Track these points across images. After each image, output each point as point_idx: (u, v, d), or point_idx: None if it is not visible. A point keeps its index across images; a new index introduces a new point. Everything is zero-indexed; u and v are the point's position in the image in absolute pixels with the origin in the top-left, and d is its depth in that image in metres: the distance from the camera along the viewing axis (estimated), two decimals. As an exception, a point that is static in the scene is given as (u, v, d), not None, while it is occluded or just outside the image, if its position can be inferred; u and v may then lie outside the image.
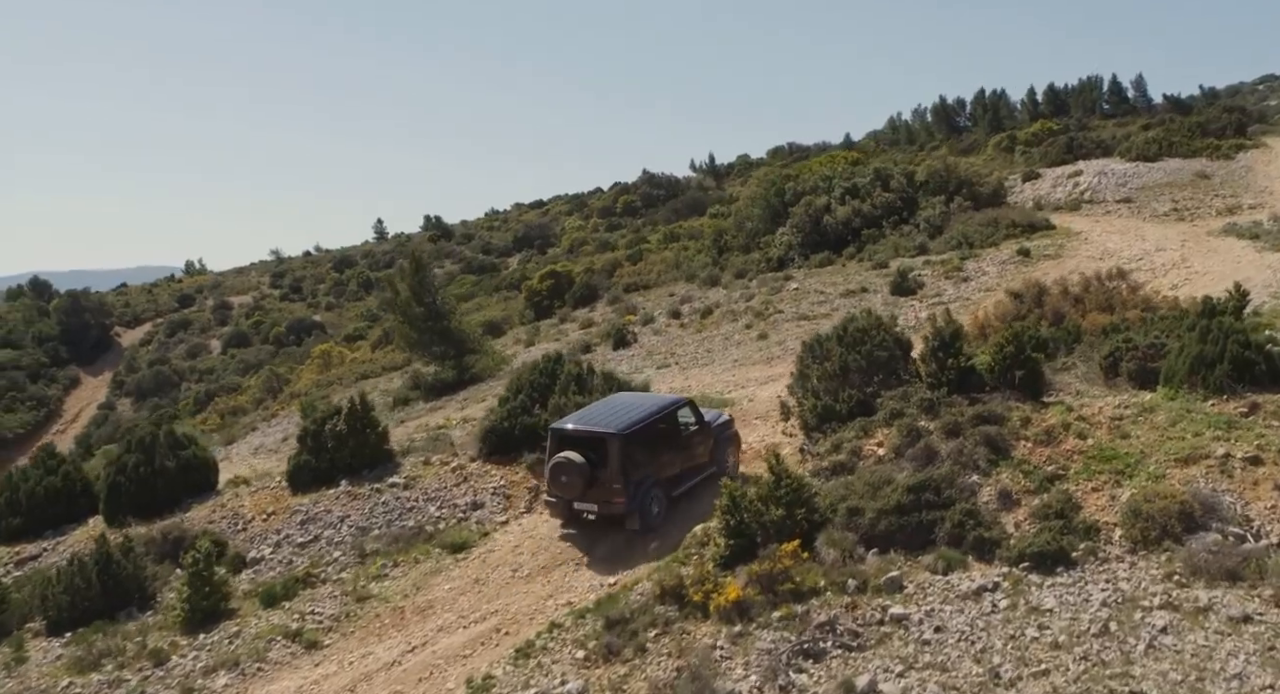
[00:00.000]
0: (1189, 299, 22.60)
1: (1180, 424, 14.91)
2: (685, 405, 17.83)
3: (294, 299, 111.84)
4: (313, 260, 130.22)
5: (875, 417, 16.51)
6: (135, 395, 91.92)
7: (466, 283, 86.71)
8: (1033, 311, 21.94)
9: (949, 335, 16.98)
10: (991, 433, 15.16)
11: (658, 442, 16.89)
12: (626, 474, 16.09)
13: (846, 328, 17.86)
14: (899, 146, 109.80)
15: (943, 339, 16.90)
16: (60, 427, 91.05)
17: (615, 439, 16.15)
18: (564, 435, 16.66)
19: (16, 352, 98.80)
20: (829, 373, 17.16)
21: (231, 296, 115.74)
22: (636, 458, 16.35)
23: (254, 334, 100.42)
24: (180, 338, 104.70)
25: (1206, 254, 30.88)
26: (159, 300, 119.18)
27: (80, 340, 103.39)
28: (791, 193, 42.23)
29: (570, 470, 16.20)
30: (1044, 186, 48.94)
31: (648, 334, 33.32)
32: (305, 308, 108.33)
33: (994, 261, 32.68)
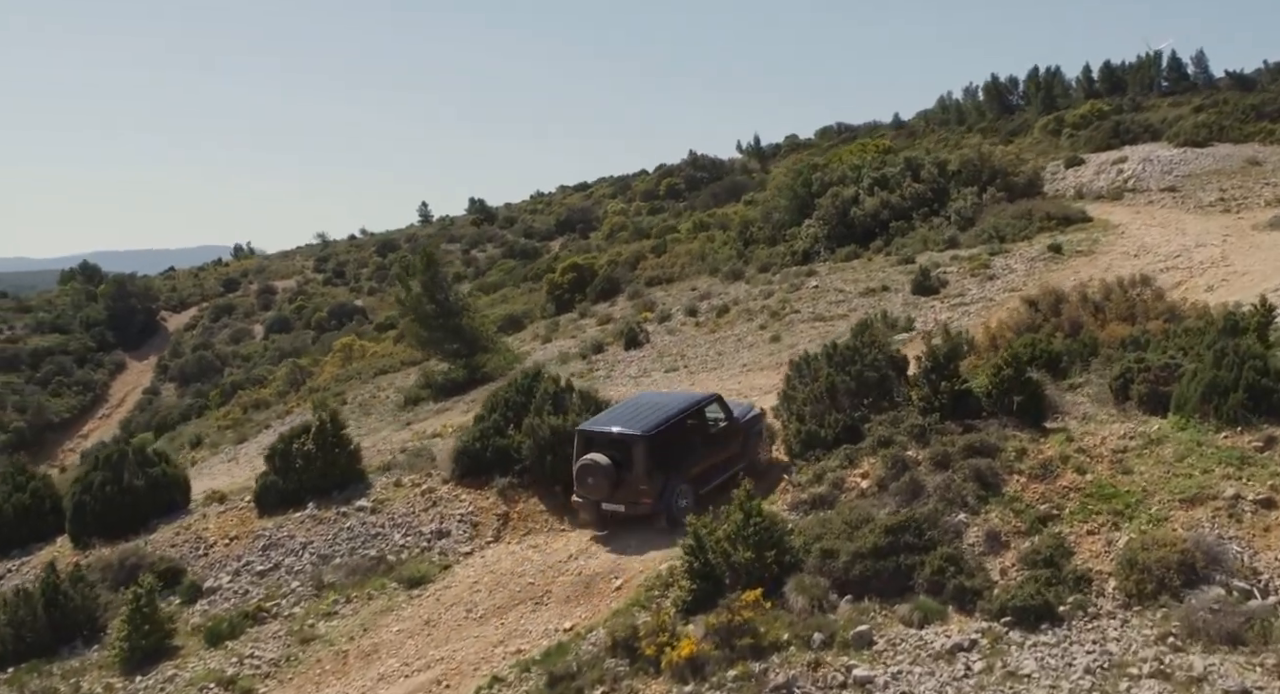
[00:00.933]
0: (1220, 306, 21.21)
1: (1188, 459, 13.69)
2: (713, 401, 17.74)
3: (337, 283, 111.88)
4: (357, 244, 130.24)
5: (862, 444, 15.42)
6: (179, 381, 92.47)
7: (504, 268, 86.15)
8: (1048, 321, 20.63)
9: (943, 355, 15.81)
10: (982, 466, 14.04)
11: (685, 439, 16.81)
12: (653, 474, 16.05)
13: (836, 346, 16.71)
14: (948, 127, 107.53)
15: (936, 360, 15.72)
16: (106, 411, 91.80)
17: (640, 440, 16.07)
18: (590, 437, 16.56)
19: (64, 336, 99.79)
20: (814, 395, 16.05)
21: (276, 280, 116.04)
22: (663, 457, 16.26)
23: (296, 319, 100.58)
24: (224, 322, 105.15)
25: (1249, 251, 29.26)
26: (205, 284, 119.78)
27: (127, 325, 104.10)
28: (819, 183, 40.87)
29: (596, 472, 16.14)
30: (1087, 173, 47.17)
31: (661, 333, 32.28)
32: (348, 292, 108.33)
33: (1023, 258, 31.23)
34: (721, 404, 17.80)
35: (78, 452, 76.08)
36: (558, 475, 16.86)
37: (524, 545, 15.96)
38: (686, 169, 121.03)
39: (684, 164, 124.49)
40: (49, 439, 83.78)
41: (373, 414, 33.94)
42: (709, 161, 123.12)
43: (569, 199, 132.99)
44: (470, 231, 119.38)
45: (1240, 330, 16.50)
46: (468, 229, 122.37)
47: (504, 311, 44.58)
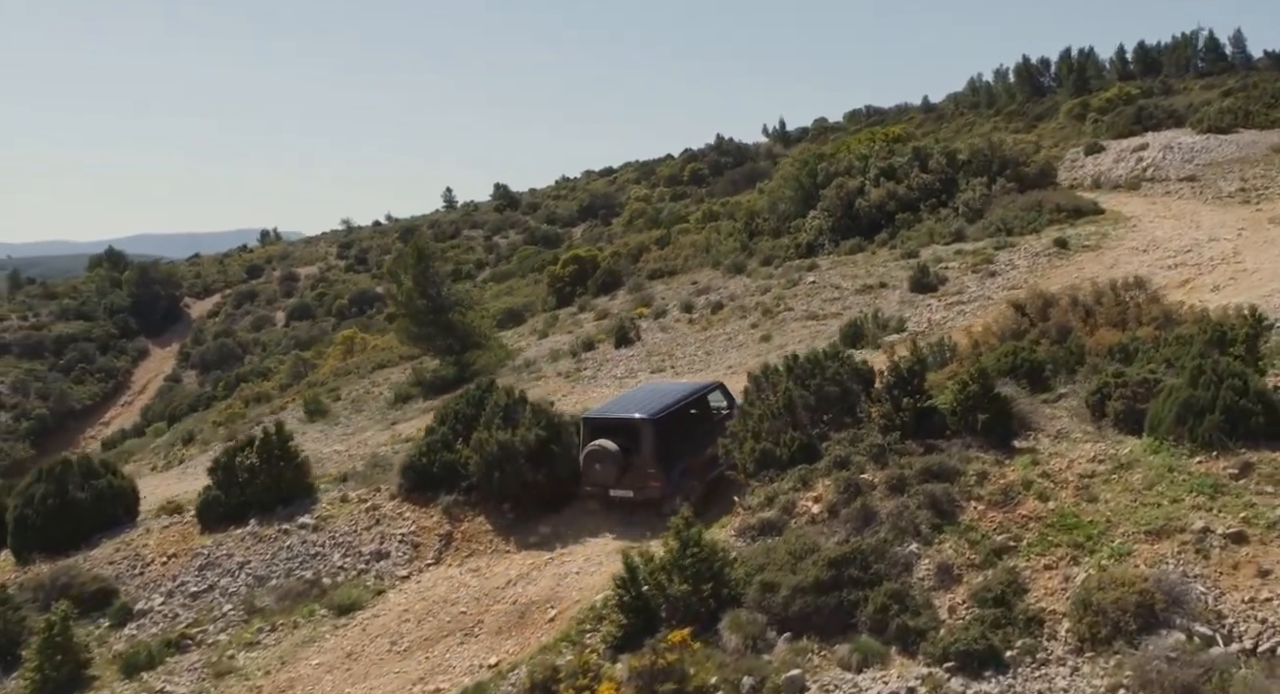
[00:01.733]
0: (1220, 309, 20.17)
1: (1158, 487, 12.76)
2: (717, 389, 18.13)
3: (359, 270, 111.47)
4: (381, 230, 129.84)
5: (818, 464, 14.54)
6: (200, 368, 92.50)
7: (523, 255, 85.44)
8: (1034, 327, 19.62)
9: (906, 370, 14.90)
10: (938, 492, 13.17)
11: (690, 426, 16.99)
12: (661, 458, 16.07)
13: (796, 358, 15.83)
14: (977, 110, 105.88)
15: (899, 374, 14.82)
16: (128, 398, 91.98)
17: (648, 424, 16.19)
18: (596, 424, 16.73)
19: (89, 323, 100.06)
20: (771, 411, 15.18)
21: (299, 267, 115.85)
22: (670, 442, 16.34)
23: (317, 306, 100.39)
24: (247, 309, 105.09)
25: (1262, 246, 28.06)
26: (229, 271, 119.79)
27: (150, 311, 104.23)
28: (824, 174, 39.80)
29: (604, 458, 16.22)
30: (1106, 161, 45.78)
31: (654, 330, 31.44)
32: (369, 279, 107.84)
33: (1028, 253, 30.13)
34: (724, 392, 18.10)
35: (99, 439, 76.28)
36: (506, 493, 16.11)
37: (464, 569, 15.21)
38: (710, 154, 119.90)
39: (708, 149, 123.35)
40: (71, 427, 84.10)
41: (364, 411, 33.35)
42: (733, 146, 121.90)
43: (593, 184, 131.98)
44: (493, 217, 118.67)
45: (1227, 342, 15.53)
46: (491, 215, 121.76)
47: (508, 304, 43.88)
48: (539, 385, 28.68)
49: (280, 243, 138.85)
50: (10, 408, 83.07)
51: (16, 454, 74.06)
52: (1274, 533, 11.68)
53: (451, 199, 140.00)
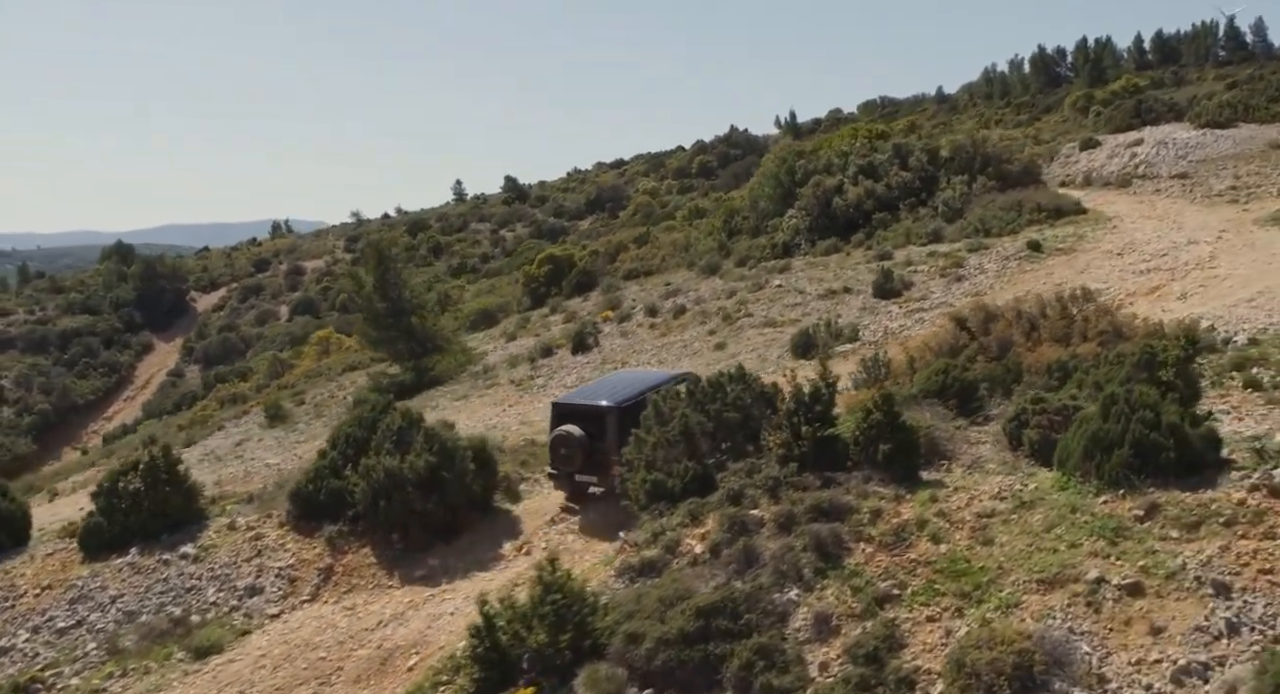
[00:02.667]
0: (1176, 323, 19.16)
1: (1057, 529, 11.79)
2: (686, 379, 17.80)
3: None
4: (389, 223, 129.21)
5: (711, 497, 13.60)
6: (203, 362, 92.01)
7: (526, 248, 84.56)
8: (973, 342, 18.62)
9: (809, 395, 13.95)
10: (823, 533, 12.23)
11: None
12: (624, 446, 15.74)
13: (699, 382, 14.90)
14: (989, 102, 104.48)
15: (800, 400, 13.87)
16: (131, 393, 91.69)
17: (612, 411, 16.51)
18: (564, 410, 17.13)
19: (94, 317, 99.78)
20: (667, 438, 14.26)
21: (306, 260, 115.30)
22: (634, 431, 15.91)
23: (321, 301, 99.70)
24: (252, 303, 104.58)
25: (1241, 249, 26.93)
26: (236, 265, 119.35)
27: (155, 305, 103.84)
28: (802, 171, 38.73)
29: (569, 443, 16.52)
30: (1100, 157, 44.52)
31: (614, 336, 30.56)
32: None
33: (999, 257, 29.05)
34: (694, 383, 17.56)
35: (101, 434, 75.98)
36: (394, 522, 15.24)
37: (339, 607, 14.36)
38: (720, 146, 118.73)
39: (717, 141, 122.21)
40: (73, 421, 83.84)
41: (324, 417, 32.61)
42: (743, 138, 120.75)
43: (602, 177, 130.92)
44: (501, 210, 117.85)
45: (1156, 365, 14.51)
46: (499, 207, 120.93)
47: (484, 304, 43.03)
48: (490, 393, 27.90)
49: (290, 236, 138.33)
50: (13, 403, 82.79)
51: (18, 449, 73.79)
52: (1172, 584, 10.72)
53: (461, 191, 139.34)
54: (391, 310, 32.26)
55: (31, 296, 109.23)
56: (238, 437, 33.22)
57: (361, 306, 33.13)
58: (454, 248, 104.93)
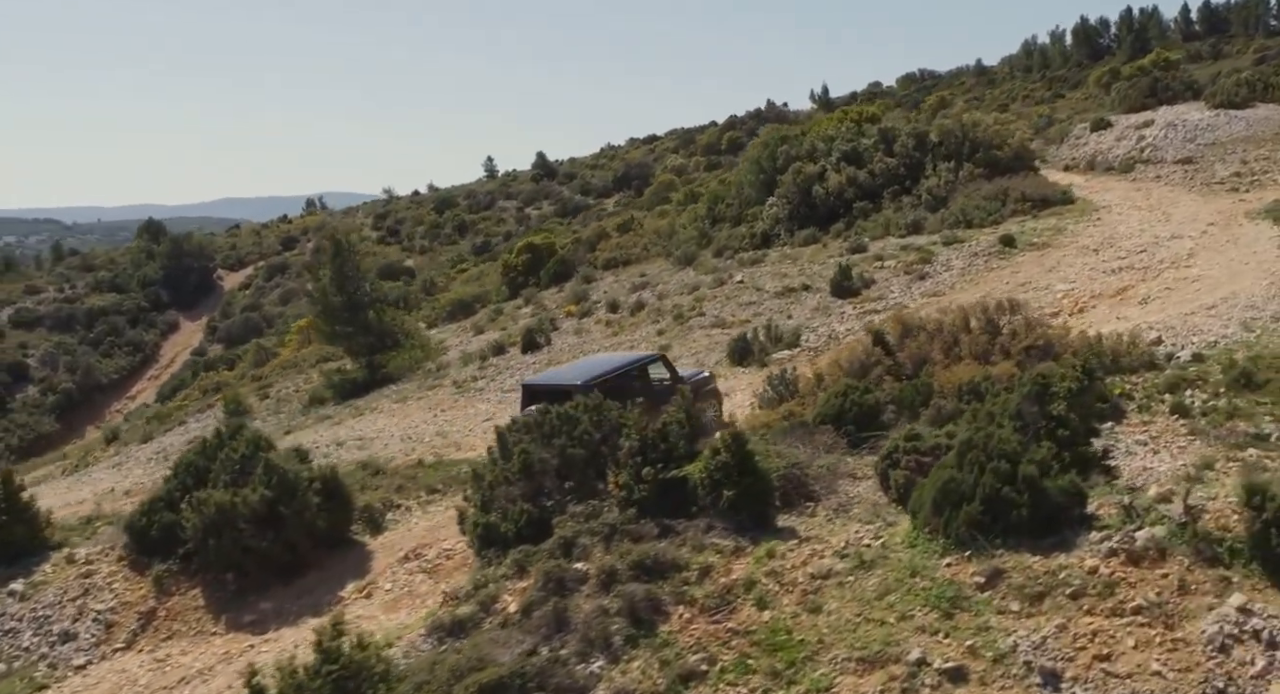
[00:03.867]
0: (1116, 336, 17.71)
1: (891, 596, 10.55)
2: (657, 361, 19.00)
3: (390, 242, 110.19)
4: (417, 201, 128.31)
5: (544, 545, 12.43)
6: (225, 342, 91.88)
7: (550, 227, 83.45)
8: (889, 358, 17.23)
9: (657, 430, 12.73)
10: (639, 595, 11.05)
11: (627, 395, 16.72)
12: None
13: (548, 410, 13.71)
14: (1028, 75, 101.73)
15: (644, 437, 12.65)
16: (155, 372, 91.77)
17: (578, 391, 16.09)
18: (534, 390, 17.58)
19: (121, 295, 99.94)
20: (504, 475, 13.10)
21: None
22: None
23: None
24: (277, 282, 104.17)
25: (1223, 246, 25.22)
26: (264, 243, 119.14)
27: (181, 284, 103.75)
28: (784, 157, 37.20)
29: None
30: (1108, 140, 42.54)
31: (568, 333, 29.38)
32: (399, 251, 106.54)
33: (967, 252, 27.50)
34: (666, 364, 19.01)
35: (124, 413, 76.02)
36: (227, 561, 14.18)
37: (151, 657, 13.34)
38: (750, 122, 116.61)
39: (747, 116, 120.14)
40: (98, 400, 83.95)
41: (283, 412, 31.78)
42: (774, 114, 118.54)
43: (633, 153, 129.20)
44: (528, 188, 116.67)
45: (1049, 397, 13.15)
46: (527, 185, 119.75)
47: (462, 294, 41.96)
48: (431, 395, 26.89)
49: (320, 213, 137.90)
50: (38, 381, 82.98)
51: (42, 429, 73.94)
52: (998, 670, 9.48)
53: (492, 168, 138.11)
54: (348, 304, 31.25)
55: (62, 274, 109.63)
56: (196, 430, 32.44)
57: (316, 300, 32.15)
58: (479, 226, 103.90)
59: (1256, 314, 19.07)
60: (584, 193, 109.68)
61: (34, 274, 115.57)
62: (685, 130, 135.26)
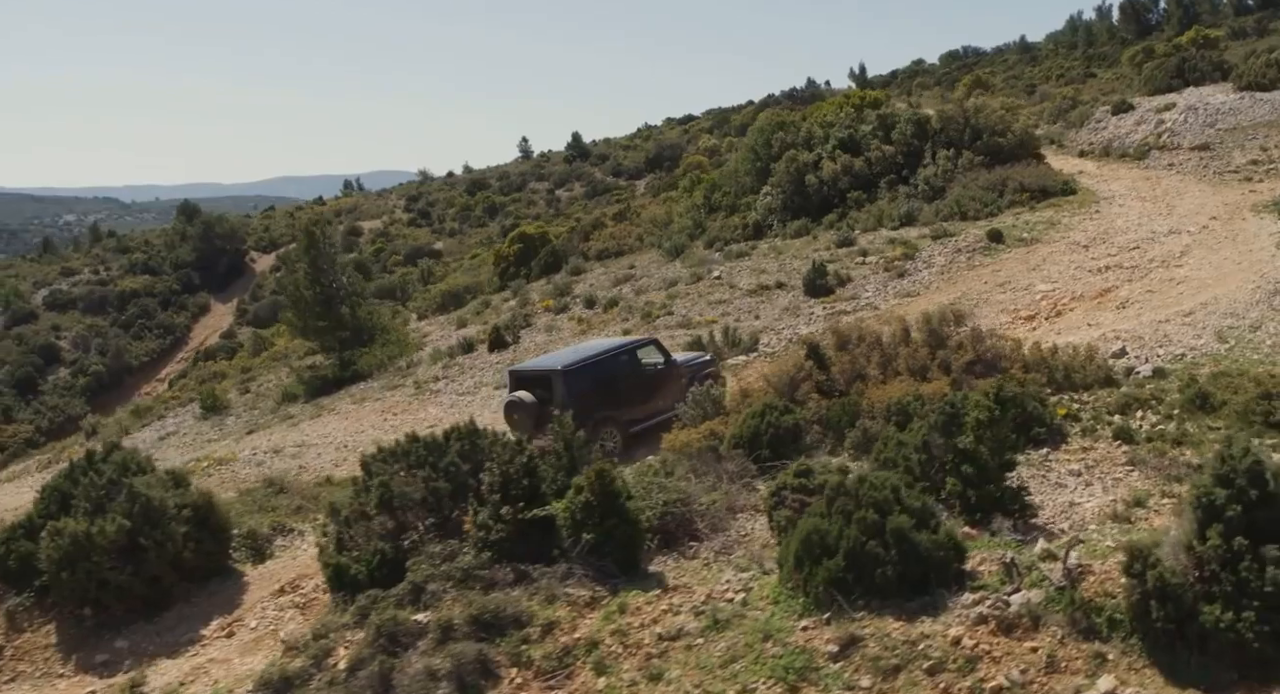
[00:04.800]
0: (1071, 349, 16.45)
1: (736, 664, 9.52)
2: (648, 344, 18.98)
3: (421, 224, 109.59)
4: (450, 183, 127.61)
5: (393, 591, 11.44)
6: (255, 324, 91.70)
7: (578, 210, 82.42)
8: (821, 373, 16.02)
9: (522, 463, 11.69)
10: (468, 656, 10.07)
11: (613, 380, 17.63)
12: (572, 410, 15.55)
13: (416, 438, 12.72)
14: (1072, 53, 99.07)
15: (506, 471, 11.62)
16: (184, 355, 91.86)
17: (559, 375, 17.00)
18: (519, 375, 18.03)
19: (153, 278, 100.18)
20: (361, 510, 12.12)
21: (364, 221, 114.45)
22: (584, 394, 16.97)
23: (373, 262, 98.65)
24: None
25: (1220, 244, 23.69)
26: (297, 225, 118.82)
27: (213, 266, 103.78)
28: (779, 144, 35.85)
29: (520, 408, 17.28)
30: (1127, 124, 40.70)
31: (539, 331, 28.33)
32: (429, 234, 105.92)
33: (951, 249, 26.14)
34: (659, 348, 18.94)
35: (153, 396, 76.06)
36: (83, 596, 13.30)
37: (-10, 700, 12.51)
38: (784, 102, 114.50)
39: (782, 96, 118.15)
40: (127, 383, 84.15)
41: (257, 409, 31.07)
42: (807, 93, 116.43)
43: (667, 133, 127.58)
44: (561, 169, 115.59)
45: (956, 428, 11.97)
46: (560, 166, 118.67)
47: (456, 284, 41.02)
48: (389, 396, 26.02)
49: (355, 195, 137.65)
50: (69, 363, 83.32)
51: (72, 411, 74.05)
52: (833, 759, 8.37)
53: (527, 149, 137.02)
54: (321, 298, 30.42)
55: (98, 256, 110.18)
56: (171, 427, 31.87)
57: (288, 293, 31.37)
58: (508, 208, 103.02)
59: (1234, 323, 17.69)
60: (615, 174, 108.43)
61: (71, 256, 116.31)
62: (721, 110, 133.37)
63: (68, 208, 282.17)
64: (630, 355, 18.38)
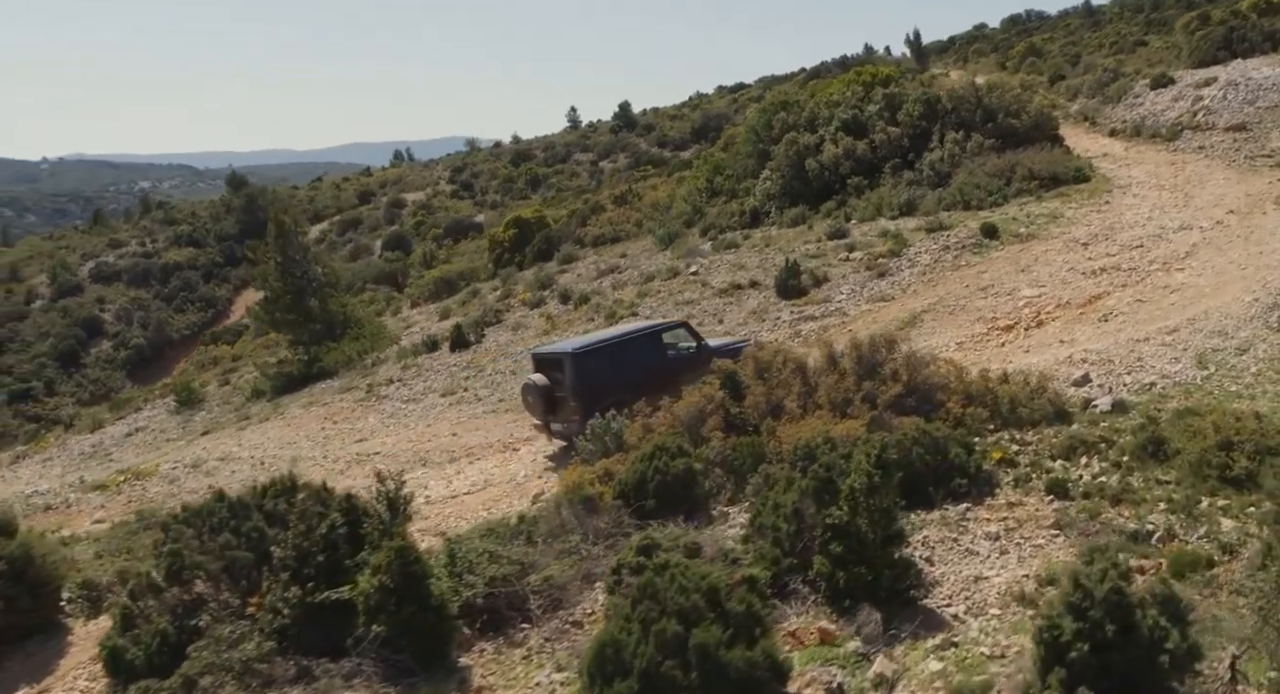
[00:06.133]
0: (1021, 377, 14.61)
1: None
2: (677, 328, 18.49)
3: (463, 196, 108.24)
4: (496, 154, 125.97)
5: (167, 682, 9.97)
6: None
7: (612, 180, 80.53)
8: (735, 405, 14.27)
9: (322, 535, 10.16)
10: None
11: (630, 365, 17.11)
12: (581, 393, 16.27)
13: (223, 496, 11.22)
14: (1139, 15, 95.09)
15: (300, 544, 10.11)
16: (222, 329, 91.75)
17: (569, 357, 16.73)
18: (539, 357, 18.03)
19: (197, 250, 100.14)
20: (149, 582, 10.67)
21: (408, 193, 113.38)
22: (595, 377, 16.61)
23: (413, 236, 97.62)
24: (349, 237, 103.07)
25: (1232, 242, 21.48)
26: (342, 196, 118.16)
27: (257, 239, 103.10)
28: (780, 125, 33.80)
29: (533, 391, 17.19)
30: (1164, 100, 38.02)
31: (505, 329, 26.79)
32: (471, 206, 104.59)
33: (939, 245, 24.10)
34: (690, 331, 18.40)
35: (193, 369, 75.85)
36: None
37: None
38: (834, 70, 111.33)
39: (832, 64, 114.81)
40: (168, 356, 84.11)
41: (230, 404, 29.92)
42: (857, 60, 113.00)
43: (716, 102, 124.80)
44: (606, 140, 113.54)
45: (830, 496, 10.28)
46: (606, 136, 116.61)
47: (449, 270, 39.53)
48: (339, 400, 24.66)
49: (402, 165, 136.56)
50: (112, 336, 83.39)
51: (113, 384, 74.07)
52: None
53: (576, 119, 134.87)
54: (291, 289, 29.11)
55: (145, 228, 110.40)
56: (143, 422, 30.86)
57: (259, 284, 30.10)
58: (551, 180, 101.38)
59: (1220, 343, 15.68)
60: (660, 145, 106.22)
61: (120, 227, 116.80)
62: (774, 78, 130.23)
63: (143, 174, 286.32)
64: (652, 339, 17.76)
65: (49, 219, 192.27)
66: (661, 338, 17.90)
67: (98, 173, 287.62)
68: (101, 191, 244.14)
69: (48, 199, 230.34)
